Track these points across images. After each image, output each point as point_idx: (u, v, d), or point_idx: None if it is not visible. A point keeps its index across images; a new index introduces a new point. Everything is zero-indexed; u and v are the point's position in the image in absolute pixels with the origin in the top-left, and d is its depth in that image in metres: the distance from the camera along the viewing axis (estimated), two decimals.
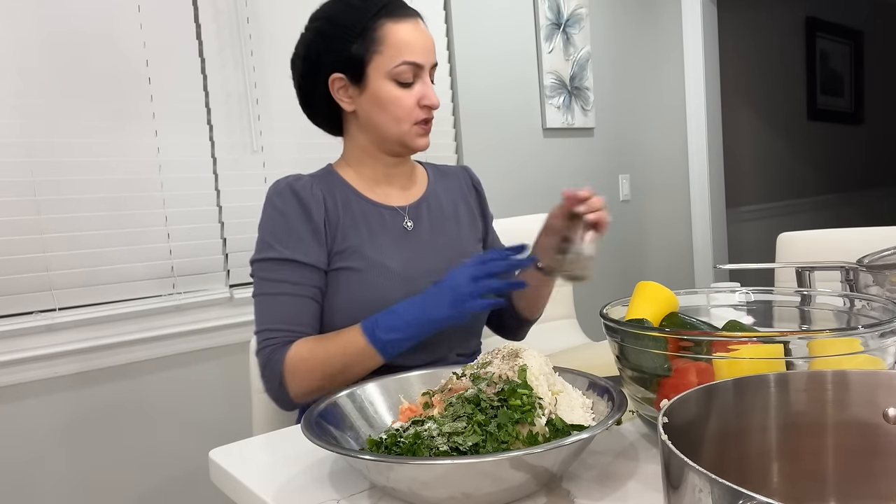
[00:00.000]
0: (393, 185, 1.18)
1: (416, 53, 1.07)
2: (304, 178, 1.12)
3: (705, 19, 3.22)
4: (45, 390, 1.65)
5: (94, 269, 1.71)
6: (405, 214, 1.16)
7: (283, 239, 1.06)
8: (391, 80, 1.07)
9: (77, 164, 1.68)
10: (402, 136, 1.10)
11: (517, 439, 0.65)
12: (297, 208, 1.07)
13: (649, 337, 0.70)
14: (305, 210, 1.07)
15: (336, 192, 1.12)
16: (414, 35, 1.07)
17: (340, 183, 1.14)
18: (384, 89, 1.07)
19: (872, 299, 0.80)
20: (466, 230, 1.23)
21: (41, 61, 1.63)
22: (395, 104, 1.08)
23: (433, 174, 1.26)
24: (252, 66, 1.94)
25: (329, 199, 1.10)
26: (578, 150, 2.87)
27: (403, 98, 1.07)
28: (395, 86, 1.07)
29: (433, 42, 1.11)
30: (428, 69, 1.10)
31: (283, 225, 1.06)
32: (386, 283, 1.07)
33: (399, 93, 1.07)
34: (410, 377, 0.85)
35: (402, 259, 1.10)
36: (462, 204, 1.25)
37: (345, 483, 0.72)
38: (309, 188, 1.09)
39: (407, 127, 1.09)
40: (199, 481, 1.84)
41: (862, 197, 4.89)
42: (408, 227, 1.15)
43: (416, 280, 1.08)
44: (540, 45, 2.68)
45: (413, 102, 1.08)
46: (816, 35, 4.45)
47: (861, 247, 1.06)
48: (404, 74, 1.07)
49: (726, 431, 0.53)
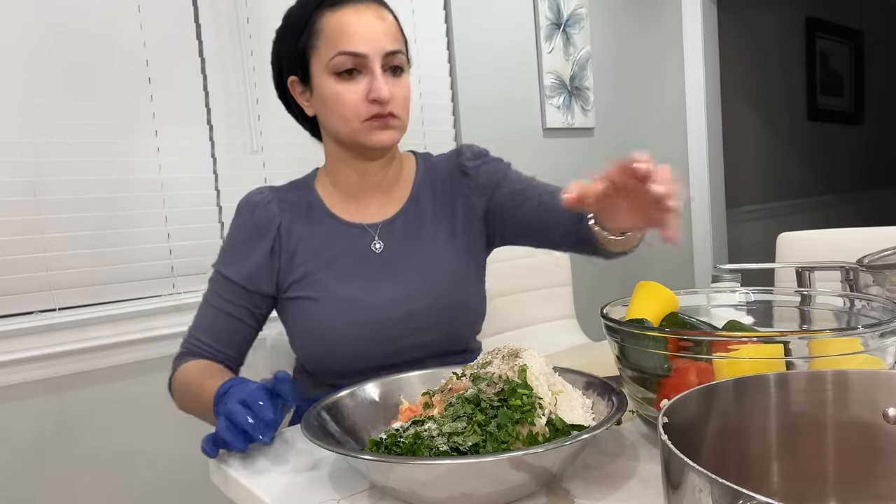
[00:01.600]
0: (369, 196, 1.08)
1: (354, 42, 0.95)
2: (268, 193, 1.07)
3: (705, 19, 3.22)
4: (46, 390, 1.65)
5: (94, 269, 1.71)
6: (375, 234, 1.06)
7: (228, 254, 1.06)
8: (331, 75, 0.97)
9: (77, 164, 1.68)
10: (353, 135, 0.99)
11: (517, 439, 0.65)
12: (249, 226, 1.05)
13: (649, 337, 0.70)
14: (257, 230, 1.04)
15: (302, 210, 1.06)
16: (353, 21, 0.96)
17: (313, 198, 1.08)
18: (325, 86, 0.98)
19: (872, 299, 0.80)
20: (452, 241, 1.09)
21: (41, 61, 1.63)
22: (338, 101, 0.97)
23: (421, 172, 1.14)
24: (252, 66, 1.94)
25: (292, 218, 1.05)
26: (578, 150, 2.87)
27: (345, 93, 0.96)
28: (335, 80, 0.97)
29: (387, 25, 0.99)
30: (378, 58, 0.96)
31: (232, 240, 1.06)
32: (344, 315, 1.00)
33: (339, 88, 0.97)
34: (410, 377, 0.85)
35: (364, 287, 1.02)
36: (449, 204, 1.11)
37: (345, 483, 0.71)
38: (264, 206, 1.05)
39: (356, 125, 0.98)
40: (199, 481, 1.84)
41: (862, 197, 4.89)
42: (376, 248, 1.05)
43: (380, 309, 1.01)
44: (540, 45, 2.67)
45: (358, 97, 0.96)
46: (816, 35, 4.45)
47: (861, 247, 1.06)
48: (343, 66, 0.96)
49: (726, 431, 0.53)
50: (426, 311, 1.03)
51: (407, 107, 1.02)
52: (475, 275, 1.11)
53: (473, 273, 1.11)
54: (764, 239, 3.23)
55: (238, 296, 1.04)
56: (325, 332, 1.01)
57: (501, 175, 1.12)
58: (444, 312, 1.05)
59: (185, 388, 1.00)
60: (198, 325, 1.06)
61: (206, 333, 1.04)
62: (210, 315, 1.05)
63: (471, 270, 1.10)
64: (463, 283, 1.09)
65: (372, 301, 1.01)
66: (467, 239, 1.10)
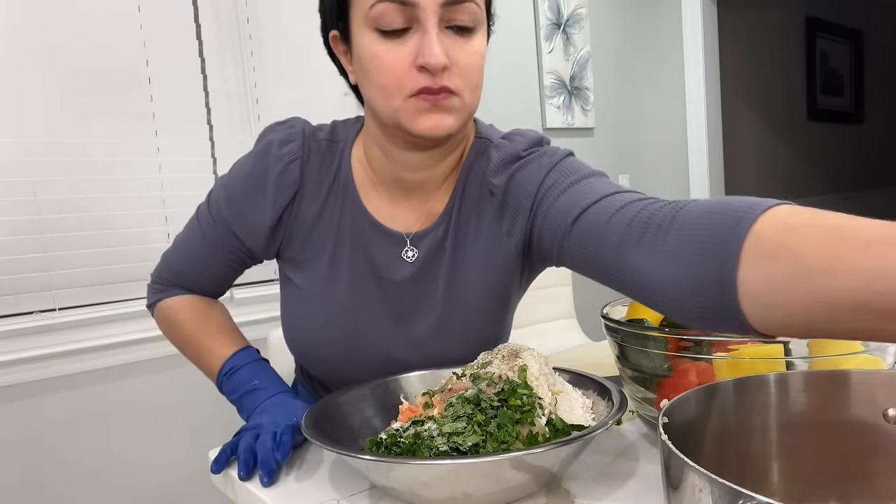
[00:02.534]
0: (405, 196, 0.85)
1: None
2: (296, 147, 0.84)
3: (705, 19, 3.22)
4: (45, 390, 1.65)
5: (94, 269, 1.71)
6: (408, 242, 0.85)
7: (231, 202, 0.87)
8: (372, 30, 0.72)
9: (77, 164, 1.68)
10: (395, 116, 0.74)
11: (517, 439, 0.65)
12: (262, 180, 0.84)
13: (649, 337, 0.70)
14: (268, 190, 0.84)
15: (328, 181, 0.85)
16: None
17: (342, 173, 0.86)
18: (363, 44, 0.74)
19: None
20: (488, 269, 0.84)
21: (41, 61, 1.63)
22: (376, 66, 0.73)
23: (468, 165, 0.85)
24: (252, 66, 1.94)
25: (313, 191, 0.85)
26: (578, 150, 2.85)
27: (385, 55, 0.72)
28: (377, 38, 0.72)
29: None
30: (434, 8, 0.70)
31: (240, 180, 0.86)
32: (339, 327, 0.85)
33: (379, 48, 0.72)
34: (410, 377, 0.85)
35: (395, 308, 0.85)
36: (485, 221, 0.84)
37: (345, 483, 0.71)
38: (285, 165, 0.83)
39: (399, 102, 0.73)
40: (199, 481, 1.84)
41: (862, 197, 4.88)
42: (408, 258, 0.85)
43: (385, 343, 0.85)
44: (540, 45, 2.67)
45: (404, 62, 0.72)
46: (816, 35, 4.45)
47: None
48: (386, 19, 0.71)
49: (726, 431, 0.53)
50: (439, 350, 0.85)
51: (474, 80, 0.77)
52: (506, 308, 0.89)
53: (504, 306, 0.88)
54: None
55: (231, 245, 0.89)
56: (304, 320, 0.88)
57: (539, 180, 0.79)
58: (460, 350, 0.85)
59: (176, 327, 0.97)
60: (185, 255, 0.94)
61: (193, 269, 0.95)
62: (200, 252, 0.93)
63: (503, 303, 0.88)
64: (491, 320, 0.87)
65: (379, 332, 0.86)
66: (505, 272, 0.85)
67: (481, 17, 0.76)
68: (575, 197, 0.73)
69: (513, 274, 0.86)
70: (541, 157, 0.81)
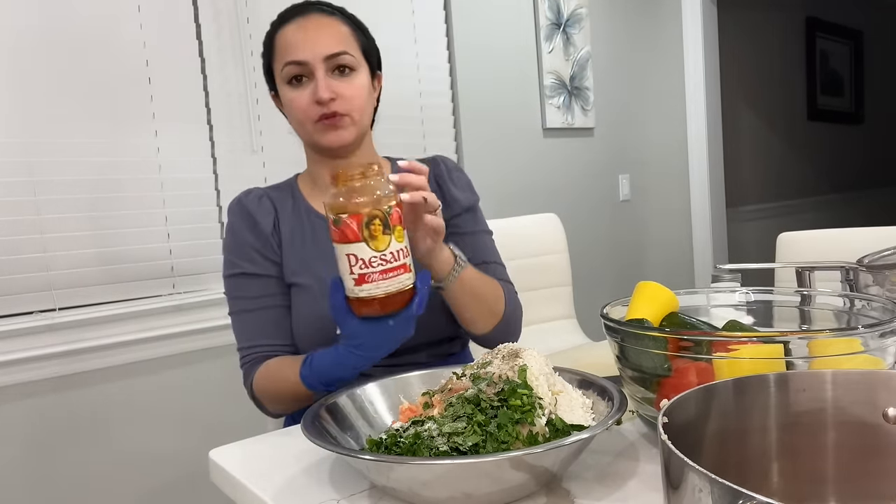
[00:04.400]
0: None
1: (297, 51, 1.03)
2: (257, 190, 1.14)
3: (705, 19, 3.22)
4: (46, 390, 1.65)
5: (94, 269, 1.71)
6: None
7: (237, 254, 1.09)
8: (286, 84, 1.05)
9: (77, 164, 1.68)
10: (310, 137, 1.07)
11: (517, 439, 0.65)
12: (244, 221, 1.10)
13: (649, 337, 0.70)
14: (251, 222, 1.09)
15: (288, 206, 1.12)
16: (296, 33, 1.04)
17: (296, 196, 1.14)
18: (284, 94, 1.07)
19: (872, 299, 0.80)
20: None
21: (41, 61, 1.63)
22: (292, 107, 1.05)
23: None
24: (252, 66, 1.94)
25: (281, 212, 1.11)
26: (578, 150, 2.87)
27: (297, 99, 1.04)
28: (289, 88, 1.05)
29: (329, 31, 1.05)
30: (320, 62, 1.03)
31: (234, 241, 1.10)
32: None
33: (293, 94, 1.05)
34: (410, 377, 0.85)
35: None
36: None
37: (345, 483, 0.72)
38: (257, 201, 1.11)
39: (310, 127, 1.05)
40: (199, 481, 1.84)
41: (862, 197, 4.89)
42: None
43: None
44: (540, 45, 2.68)
45: (306, 101, 1.04)
46: (816, 35, 4.45)
47: (861, 247, 1.06)
48: (291, 74, 1.04)
49: (726, 431, 0.53)
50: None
51: (358, 104, 1.06)
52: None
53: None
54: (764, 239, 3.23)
55: (263, 286, 1.07)
56: (318, 320, 1.03)
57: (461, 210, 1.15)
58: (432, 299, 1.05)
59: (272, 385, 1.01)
60: (244, 334, 1.07)
61: (256, 338, 1.06)
62: (249, 319, 1.07)
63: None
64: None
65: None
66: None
67: (359, 62, 1.07)
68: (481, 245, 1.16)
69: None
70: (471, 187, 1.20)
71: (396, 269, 0.77)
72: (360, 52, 1.08)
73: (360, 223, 0.75)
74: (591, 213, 2.93)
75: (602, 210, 2.98)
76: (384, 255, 0.76)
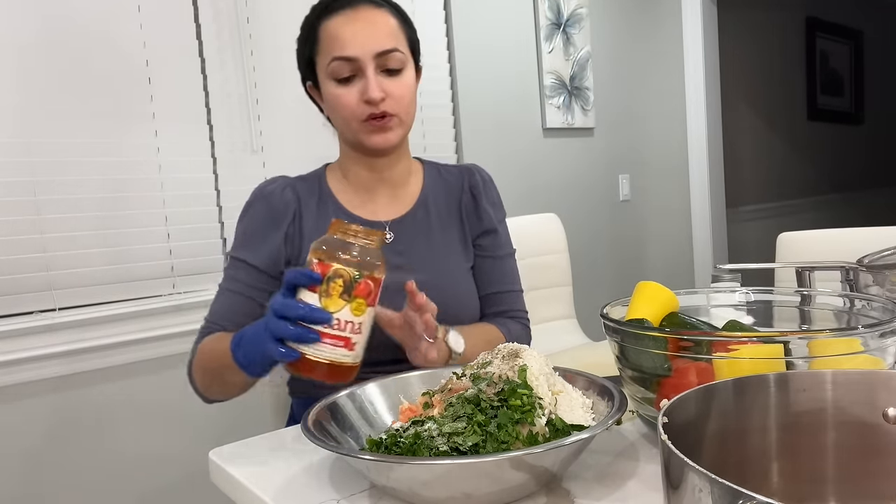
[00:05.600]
0: (379, 192, 1.12)
1: (346, 47, 0.99)
2: (282, 181, 1.11)
3: (705, 19, 3.22)
4: (45, 390, 1.65)
5: (94, 269, 1.71)
6: (386, 228, 1.10)
7: (242, 239, 1.08)
8: (331, 80, 1.02)
9: (77, 164, 1.68)
10: (355, 136, 1.04)
11: (517, 439, 0.65)
12: (263, 211, 1.07)
13: (649, 337, 0.70)
14: (271, 214, 1.07)
15: (313, 200, 1.10)
16: (346, 27, 1.00)
17: (324, 190, 1.11)
18: (328, 90, 1.03)
19: (872, 299, 0.80)
20: (458, 248, 1.14)
21: (41, 61, 1.63)
22: (338, 104, 1.02)
23: (430, 178, 1.18)
24: (252, 66, 1.94)
25: (305, 206, 1.08)
26: (578, 150, 2.87)
27: (343, 96, 1.01)
28: (335, 85, 1.01)
29: (380, 26, 1.01)
30: (370, 60, 0.99)
31: (246, 226, 1.08)
32: None
33: (339, 91, 1.01)
34: (410, 377, 0.85)
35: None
36: (457, 214, 1.16)
37: (345, 483, 0.71)
38: (280, 192, 1.08)
39: (356, 126, 1.02)
40: (199, 481, 1.84)
41: (862, 197, 4.88)
42: (386, 240, 1.08)
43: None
44: (540, 45, 2.68)
45: (355, 99, 1.01)
46: (816, 35, 4.45)
47: (861, 247, 1.06)
48: (339, 71, 1.00)
49: (726, 431, 0.53)
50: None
51: (407, 105, 1.04)
52: (471, 281, 1.16)
53: (470, 279, 1.16)
54: (764, 239, 3.23)
55: (256, 279, 1.06)
56: None
57: (493, 226, 1.17)
58: (446, 310, 1.05)
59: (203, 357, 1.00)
60: (215, 310, 1.06)
61: (225, 317, 1.04)
62: (228, 300, 1.06)
63: (469, 277, 1.16)
64: (465, 285, 1.14)
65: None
66: (465, 251, 1.16)
67: (406, 59, 1.04)
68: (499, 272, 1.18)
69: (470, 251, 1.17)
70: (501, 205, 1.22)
71: (336, 337, 0.71)
72: (407, 47, 1.05)
73: (324, 275, 0.71)
74: (591, 213, 2.93)
75: (602, 210, 2.98)
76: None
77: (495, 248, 1.17)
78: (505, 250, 1.19)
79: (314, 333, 0.71)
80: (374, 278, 0.73)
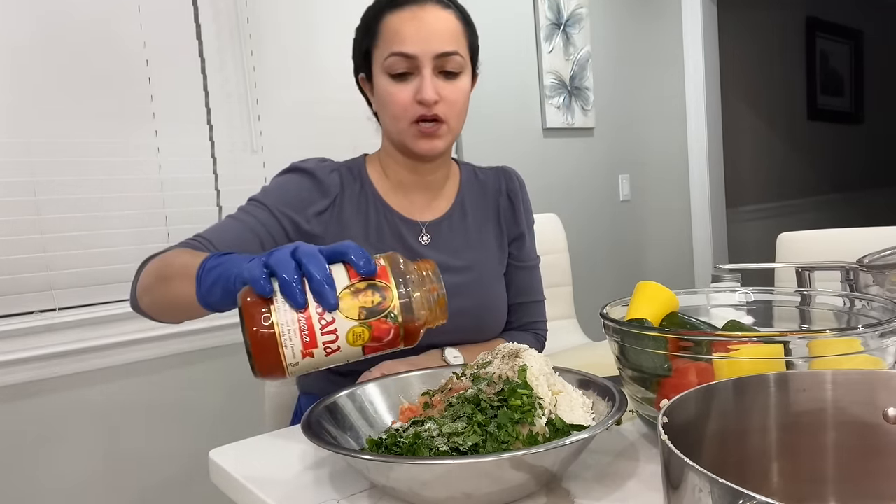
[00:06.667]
0: (417, 193, 1.11)
1: (406, 43, 0.97)
2: (330, 163, 1.08)
3: (705, 19, 3.22)
4: (45, 390, 1.65)
5: (94, 269, 1.71)
6: (423, 229, 1.09)
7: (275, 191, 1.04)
8: (386, 75, 0.99)
9: (77, 164, 1.68)
10: (402, 137, 1.02)
11: (517, 439, 0.65)
12: (308, 182, 1.04)
13: (649, 337, 0.70)
14: (317, 187, 1.04)
15: (356, 189, 1.08)
16: (409, 23, 0.97)
17: (364, 181, 1.09)
18: (380, 85, 1.01)
19: (872, 299, 0.80)
20: (492, 250, 1.14)
21: (42, 61, 1.63)
22: (390, 100, 1.00)
23: (466, 179, 1.16)
24: (252, 66, 1.94)
25: (348, 192, 1.06)
26: (578, 150, 2.87)
27: (397, 93, 0.98)
28: (389, 80, 0.99)
29: (443, 26, 0.99)
30: (429, 60, 0.97)
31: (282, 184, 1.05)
32: None
33: (393, 87, 0.99)
34: (410, 377, 0.85)
35: None
36: (493, 216, 1.16)
37: (345, 483, 0.71)
38: (328, 172, 1.06)
39: (404, 125, 1.00)
40: (199, 481, 1.84)
41: (862, 197, 4.89)
42: (423, 241, 1.08)
43: None
44: (540, 45, 2.67)
45: (408, 98, 0.98)
46: (816, 35, 4.45)
47: (861, 247, 1.06)
48: (395, 67, 0.98)
49: (726, 431, 0.53)
50: (458, 311, 0.97)
51: (458, 111, 1.02)
52: (503, 286, 1.16)
53: (503, 284, 1.16)
54: (764, 239, 3.23)
55: (271, 224, 1.01)
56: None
57: (525, 230, 1.18)
58: (475, 315, 1.07)
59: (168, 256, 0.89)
60: (210, 230, 1.01)
61: (217, 238, 0.98)
62: (229, 226, 1.01)
63: (502, 282, 1.16)
64: (498, 288, 1.14)
65: None
66: (500, 254, 1.16)
67: (465, 64, 1.02)
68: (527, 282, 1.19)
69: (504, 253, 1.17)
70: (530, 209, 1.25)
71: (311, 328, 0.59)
72: (468, 52, 1.03)
73: (375, 279, 0.62)
74: (591, 213, 2.93)
75: (602, 210, 2.98)
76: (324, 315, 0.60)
77: (525, 258, 1.18)
78: (533, 260, 1.20)
79: (303, 299, 0.59)
80: (397, 334, 0.63)
